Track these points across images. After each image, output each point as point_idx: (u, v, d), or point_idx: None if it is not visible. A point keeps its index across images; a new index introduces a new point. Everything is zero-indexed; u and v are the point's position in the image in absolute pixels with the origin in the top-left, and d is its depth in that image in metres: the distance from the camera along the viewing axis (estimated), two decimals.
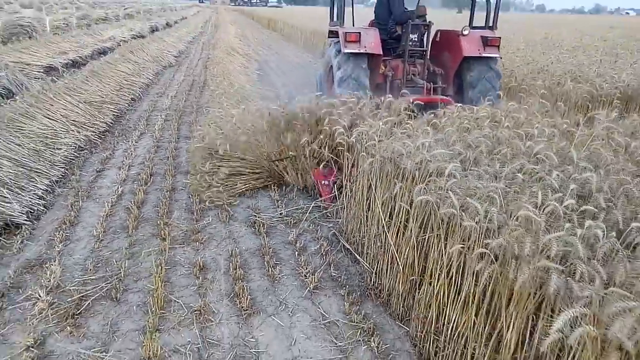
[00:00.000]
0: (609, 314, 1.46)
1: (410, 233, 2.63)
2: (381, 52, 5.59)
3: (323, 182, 4.40)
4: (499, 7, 5.82)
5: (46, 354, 2.56)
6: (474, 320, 2.11)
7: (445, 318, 2.34)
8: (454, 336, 2.25)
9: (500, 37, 5.74)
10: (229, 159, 4.61)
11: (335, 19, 6.21)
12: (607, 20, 46.93)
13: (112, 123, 7.01)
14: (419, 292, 2.59)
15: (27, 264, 3.39)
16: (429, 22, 5.98)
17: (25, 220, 3.92)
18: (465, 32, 5.68)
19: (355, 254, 3.52)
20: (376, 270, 3.13)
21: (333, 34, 6.19)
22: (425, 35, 6.00)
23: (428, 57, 6.10)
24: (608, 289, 1.55)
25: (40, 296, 2.98)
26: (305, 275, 3.33)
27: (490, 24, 5.88)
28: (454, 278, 2.24)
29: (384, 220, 2.91)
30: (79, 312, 2.89)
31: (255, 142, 4.62)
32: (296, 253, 3.63)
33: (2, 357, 2.51)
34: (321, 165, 4.42)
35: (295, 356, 2.62)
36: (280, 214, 4.28)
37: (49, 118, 5.89)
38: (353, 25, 6.42)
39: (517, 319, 1.84)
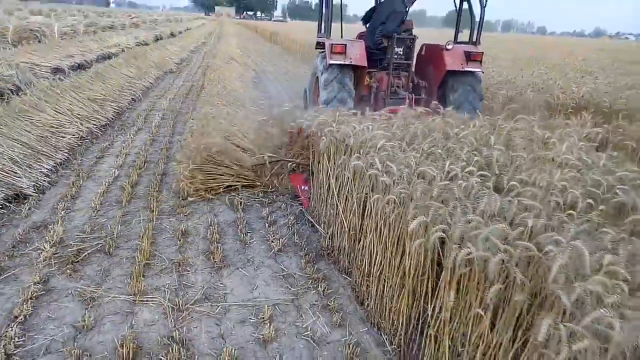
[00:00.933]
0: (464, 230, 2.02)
1: (353, 199, 3.20)
2: (366, 64, 5.69)
3: (302, 187, 4.66)
4: (482, 24, 6.07)
5: (49, 289, 3.10)
6: (390, 259, 2.66)
7: (374, 263, 2.89)
8: (377, 274, 2.81)
9: (482, 52, 5.92)
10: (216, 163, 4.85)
11: (322, 31, 6.31)
12: (601, 43, 47.98)
13: (112, 119, 7.61)
14: (358, 246, 3.15)
15: (34, 225, 3.96)
16: (414, 36, 6.10)
17: (33, 192, 4.49)
18: (449, 47, 5.85)
19: (316, 224, 4.08)
20: (330, 234, 3.69)
21: (320, 45, 6.34)
22: (410, 48, 6.11)
23: (413, 70, 6.24)
24: (470, 216, 2.11)
25: (44, 248, 3.53)
26: (272, 241, 3.89)
27: (474, 40, 6.06)
28: (379, 229, 2.80)
29: (335, 190, 3.48)
30: (77, 260, 3.44)
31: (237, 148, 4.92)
32: (266, 225, 4.19)
33: (14, 290, 3.06)
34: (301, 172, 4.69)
35: (255, 297, 3.17)
36: (257, 195, 4.84)
37: (55, 111, 6.48)
38: (342, 38, 6.51)
39: (415, 250, 2.39)
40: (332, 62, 5.56)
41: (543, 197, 2.44)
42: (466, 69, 5.77)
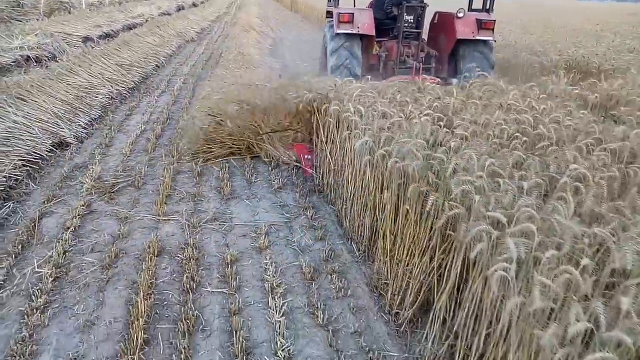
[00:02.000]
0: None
1: (336, 142, 3.83)
2: (374, 33, 5.63)
3: (306, 156, 4.68)
4: None
5: (92, 210, 3.88)
6: (359, 183, 3.31)
7: (350, 189, 3.54)
8: (351, 197, 3.47)
9: (495, 20, 5.78)
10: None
11: None
12: (636, 8, 46.03)
13: (138, 82, 8.34)
14: (340, 179, 3.80)
15: (76, 166, 4.74)
16: (425, 4, 5.97)
17: (73, 141, 5.28)
18: (460, 15, 5.73)
19: (310, 169, 4.75)
20: (321, 173, 4.35)
21: (330, 14, 6.32)
22: (421, 16, 6.00)
23: (423, 38, 6.11)
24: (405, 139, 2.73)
25: (86, 182, 4.31)
26: (273, 180, 4.58)
27: (487, 7, 5.96)
28: (352, 161, 3.43)
29: (323, 135, 4.11)
30: (112, 191, 4.21)
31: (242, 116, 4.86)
32: (270, 168, 4.87)
33: (64, 210, 3.85)
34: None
35: (256, 219, 3.88)
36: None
37: (89, 74, 7.23)
38: (354, 6, 6.42)
39: (367, 166, 3.01)
40: (339, 31, 5.53)
41: (481, 131, 3.03)
42: (477, 37, 5.66)
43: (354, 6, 6.45)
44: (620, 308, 1.34)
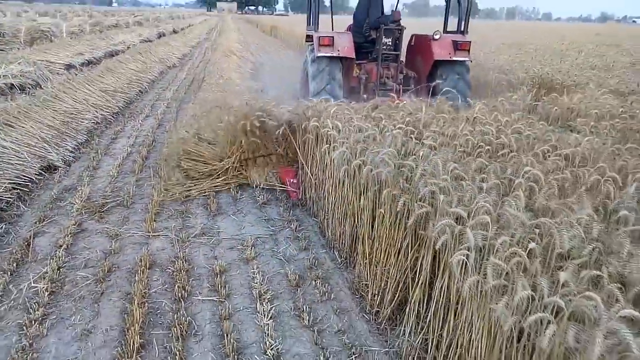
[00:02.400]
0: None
1: (316, 157, 4.07)
2: (354, 56, 5.71)
3: (291, 180, 4.75)
4: (469, 13, 6.15)
5: (83, 229, 4.02)
6: (337, 194, 3.54)
7: (332, 204, 3.76)
8: (332, 207, 3.70)
9: (470, 42, 5.95)
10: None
11: (311, 23, 6.38)
12: (602, 29, 48.25)
13: (123, 107, 8.52)
14: (322, 192, 4.02)
15: (65, 188, 4.88)
16: (402, 26, 6.12)
17: (61, 164, 5.42)
18: (437, 37, 5.89)
19: (295, 193, 4.95)
20: (303, 188, 4.57)
21: (310, 38, 6.39)
22: (399, 39, 6.14)
23: (401, 60, 6.25)
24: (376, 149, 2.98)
25: (76, 202, 4.45)
26: (258, 197, 4.77)
27: (462, 29, 6.15)
28: (332, 173, 3.67)
29: (309, 154, 4.32)
30: (102, 210, 4.35)
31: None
32: (255, 186, 5.07)
33: (56, 229, 3.98)
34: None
35: (242, 233, 4.06)
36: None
37: (73, 100, 7.39)
38: (332, 30, 6.56)
39: (344, 175, 3.25)
40: (320, 54, 5.61)
41: (448, 142, 3.31)
42: (454, 58, 5.82)
43: (332, 30, 6.63)
44: (559, 281, 1.58)
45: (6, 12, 25.67)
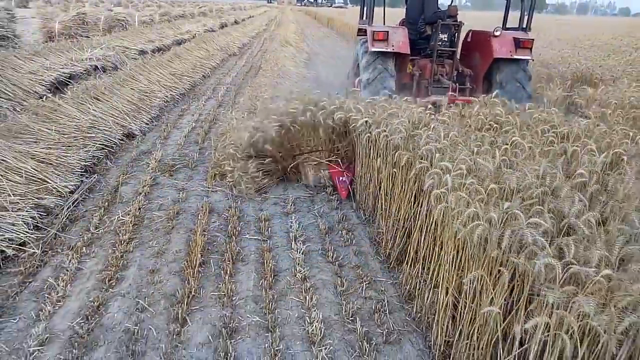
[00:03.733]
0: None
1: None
2: (409, 52, 5.52)
3: (340, 178, 4.69)
4: (533, 8, 5.85)
5: (157, 183, 4.92)
6: (366, 163, 4.19)
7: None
8: (362, 174, 4.35)
9: (533, 39, 5.63)
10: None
11: (364, 17, 6.33)
12: None
13: (188, 89, 9.54)
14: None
15: (142, 152, 5.83)
16: (460, 22, 5.89)
17: (139, 133, 6.41)
18: (497, 33, 5.57)
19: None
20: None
21: (362, 32, 6.27)
22: (455, 35, 5.91)
23: (457, 57, 5.99)
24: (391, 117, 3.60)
25: (151, 163, 5.38)
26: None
27: (524, 25, 5.84)
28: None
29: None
30: (172, 170, 5.25)
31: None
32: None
33: (136, 182, 4.90)
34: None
35: (285, 194, 4.81)
36: None
37: (148, 81, 8.46)
38: (384, 24, 6.36)
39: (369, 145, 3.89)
40: (374, 49, 5.43)
41: (460, 119, 3.88)
42: (515, 56, 5.48)
43: (384, 24, 6.46)
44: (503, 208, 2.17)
45: (85, 2, 28.08)
